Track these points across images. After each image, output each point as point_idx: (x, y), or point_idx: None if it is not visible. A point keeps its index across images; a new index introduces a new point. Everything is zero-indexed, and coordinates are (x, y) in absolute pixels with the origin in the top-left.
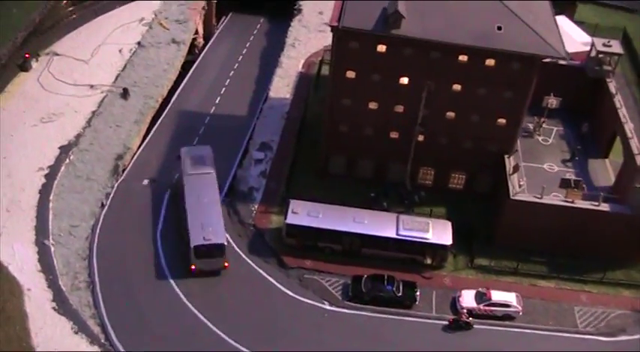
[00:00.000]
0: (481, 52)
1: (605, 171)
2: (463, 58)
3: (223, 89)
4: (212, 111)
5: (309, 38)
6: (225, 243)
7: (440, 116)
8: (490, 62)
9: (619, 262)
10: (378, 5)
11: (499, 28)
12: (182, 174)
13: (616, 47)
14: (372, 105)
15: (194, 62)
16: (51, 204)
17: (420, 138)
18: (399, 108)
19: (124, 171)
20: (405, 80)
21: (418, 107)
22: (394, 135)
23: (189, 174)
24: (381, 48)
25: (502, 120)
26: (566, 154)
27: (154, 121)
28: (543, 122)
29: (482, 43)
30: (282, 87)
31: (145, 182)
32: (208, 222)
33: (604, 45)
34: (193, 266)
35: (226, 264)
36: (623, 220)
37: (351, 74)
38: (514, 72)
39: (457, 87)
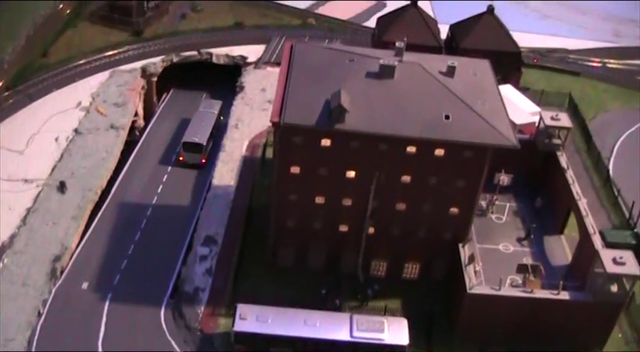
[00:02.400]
0: (430, 142)
1: (561, 248)
2: (412, 149)
3: (165, 176)
4: (154, 201)
5: (252, 117)
6: (204, 144)
7: (390, 207)
8: (440, 152)
9: (582, 349)
10: (320, 98)
11: (447, 117)
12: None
13: (564, 120)
14: (320, 200)
15: (135, 143)
16: None
17: (371, 230)
18: (348, 202)
19: (62, 273)
20: (352, 173)
21: (367, 199)
22: (344, 228)
23: (199, 111)
24: (326, 142)
25: (455, 209)
26: (521, 232)
27: (93, 215)
28: (496, 200)
29: (430, 134)
30: (225, 173)
31: (85, 285)
32: (199, 132)
33: (552, 118)
34: (182, 157)
35: (204, 161)
36: (584, 307)
37: (295, 169)
38: (465, 160)
39: (407, 178)
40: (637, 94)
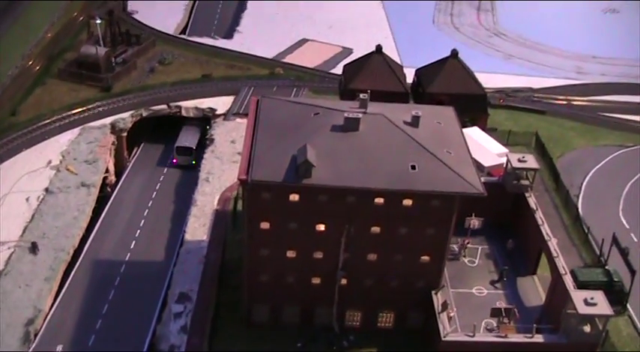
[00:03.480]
0: (397, 193)
1: (534, 288)
2: (379, 200)
3: (138, 231)
4: (127, 258)
5: (222, 170)
6: (194, 148)
7: (362, 258)
8: (408, 202)
9: None
10: (287, 154)
11: (413, 167)
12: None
13: (531, 162)
14: (291, 254)
15: (107, 198)
16: None
17: (344, 281)
18: (319, 255)
19: (35, 336)
20: (322, 227)
21: (338, 252)
22: (316, 280)
23: (187, 125)
24: (294, 197)
25: (426, 257)
26: (494, 275)
27: (66, 275)
28: (468, 243)
29: (396, 186)
30: (198, 227)
31: (59, 348)
32: (189, 139)
33: (519, 160)
34: (175, 160)
35: (194, 162)
36: (560, 349)
37: (265, 225)
38: (433, 209)
39: (376, 229)
40: (602, 131)
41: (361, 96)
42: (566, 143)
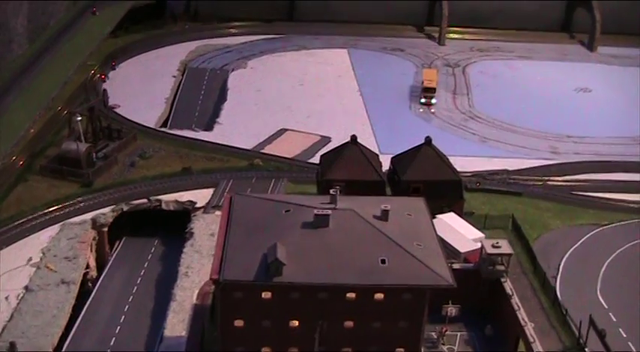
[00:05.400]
0: (368, 288)
1: None
2: (351, 295)
3: (118, 328)
4: None
5: (202, 264)
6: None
7: None
8: (379, 296)
9: None
10: (258, 252)
11: (383, 262)
12: None
13: (505, 247)
14: (266, 350)
15: (88, 294)
16: None
17: None
18: (294, 350)
19: None
20: (295, 323)
21: (313, 347)
22: None
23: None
24: (267, 295)
25: (400, 349)
26: None
27: None
28: (446, 331)
29: (367, 281)
30: (177, 323)
31: None
32: None
33: (493, 246)
34: None
35: None
36: None
37: (239, 323)
38: (405, 302)
39: (349, 323)
40: (577, 210)
41: (331, 191)
42: (543, 224)
